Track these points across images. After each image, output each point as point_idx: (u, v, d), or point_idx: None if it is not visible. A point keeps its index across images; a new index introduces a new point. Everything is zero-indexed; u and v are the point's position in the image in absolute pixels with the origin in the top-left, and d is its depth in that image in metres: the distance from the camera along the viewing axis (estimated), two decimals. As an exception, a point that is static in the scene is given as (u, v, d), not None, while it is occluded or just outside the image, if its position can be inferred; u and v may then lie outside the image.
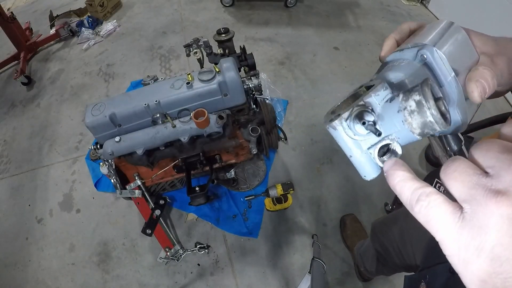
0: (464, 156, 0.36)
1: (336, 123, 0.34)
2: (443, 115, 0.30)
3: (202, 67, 1.46)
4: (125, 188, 1.41)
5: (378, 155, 0.35)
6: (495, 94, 0.40)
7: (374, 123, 0.33)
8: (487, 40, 0.37)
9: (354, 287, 1.47)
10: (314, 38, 2.65)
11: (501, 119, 1.56)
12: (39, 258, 1.68)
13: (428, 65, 0.35)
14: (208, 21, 2.91)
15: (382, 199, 1.68)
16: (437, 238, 0.23)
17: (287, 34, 2.70)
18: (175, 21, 2.99)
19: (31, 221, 1.81)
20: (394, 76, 0.37)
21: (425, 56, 0.34)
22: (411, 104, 0.30)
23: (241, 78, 1.26)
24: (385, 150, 0.35)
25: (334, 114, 0.36)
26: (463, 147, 0.41)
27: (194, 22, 2.94)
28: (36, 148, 2.15)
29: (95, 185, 1.84)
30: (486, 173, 0.22)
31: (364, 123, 0.32)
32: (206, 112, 1.17)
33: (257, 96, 1.35)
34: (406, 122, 0.31)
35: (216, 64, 1.25)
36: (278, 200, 1.65)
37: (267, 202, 1.68)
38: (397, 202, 1.57)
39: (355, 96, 0.36)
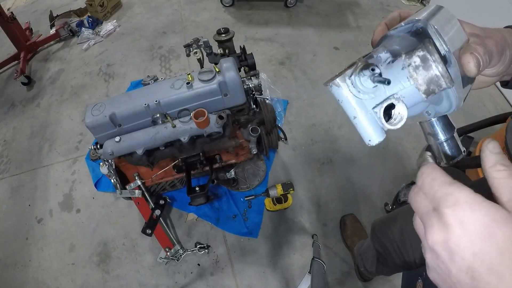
0: (456, 144, 0.40)
1: (339, 79, 0.33)
2: (447, 71, 0.30)
3: (202, 67, 1.46)
4: (125, 188, 1.41)
5: (384, 120, 0.33)
6: (486, 81, 0.43)
7: (380, 74, 0.32)
8: (475, 27, 0.39)
9: (354, 287, 1.47)
10: (314, 38, 2.65)
11: (501, 119, 1.56)
12: (39, 258, 1.68)
13: (423, 39, 0.34)
14: (208, 21, 2.91)
15: (382, 199, 1.68)
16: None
17: (287, 34, 2.70)
18: (175, 21, 2.99)
19: (31, 221, 1.82)
20: (391, 47, 0.36)
21: (420, 29, 0.34)
22: (416, 60, 0.30)
23: (241, 78, 1.26)
24: (390, 115, 0.34)
25: (336, 75, 0.34)
26: (455, 134, 0.40)
27: (194, 22, 2.94)
28: (36, 148, 2.15)
29: (95, 185, 1.84)
30: None
31: (373, 70, 0.31)
32: (206, 112, 1.17)
33: (257, 96, 1.35)
34: (411, 78, 0.30)
35: (216, 64, 1.25)
36: (278, 200, 1.65)
37: (267, 202, 1.68)
38: (397, 202, 1.57)
39: (354, 64, 0.35)
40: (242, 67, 1.39)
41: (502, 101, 2.17)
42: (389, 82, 0.30)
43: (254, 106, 1.36)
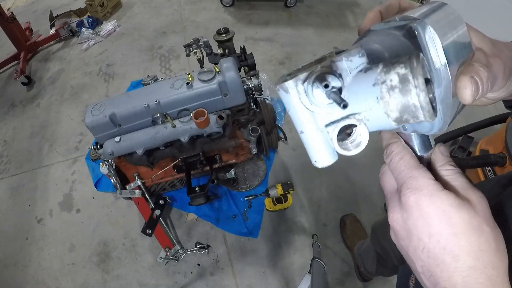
0: (428, 165, 0.34)
1: (289, 84, 0.26)
2: (430, 103, 0.23)
3: (202, 67, 1.46)
4: (125, 188, 1.41)
5: (337, 138, 0.27)
6: (483, 102, 0.37)
7: (340, 90, 0.25)
8: (484, 39, 0.33)
9: (354, 287, 1.47)
10: (314, 38, 2.65)
11: (501, 119, 1.55)
12: (39, 258, 1.68)
13: (417, 43, 0.27)
14: (208, 21, 2.91)
15: (382, 199, 1.67)
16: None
17: (287, 34, 2.70)
18: (175, 21, 2.99)
19: (31, 221, 1.81)
20: (374, 46, 0.29)
21: (415, 32, 0.27)
22: (393, 78, 0.23)
23: (241, 78, 1.26)
24: (347, 134, 0.27)
25: (291, 76, 0.27)
26: (433, 154, 0.33)
27: (194, 22, 2.94)
28: (36, 148, 2.15)
29: (95, 185, 1.84)
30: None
31: (326, 86, 0.24)
32: (206, 112, 1.17)
33: (257, 96, 1.35)
34: (382, 100, 0.24)
35: (216, 64, 1.25)
36: (278, 200, 1.65)
37: (267, 202, 1.68)
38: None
39: (321, 61, 0.29)
40: (242, 67, 1.39)
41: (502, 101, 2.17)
42: (345, 106, 0.24)
43: (254, 106, 1.36)
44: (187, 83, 1.19)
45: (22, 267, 1.66)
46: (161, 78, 1.39)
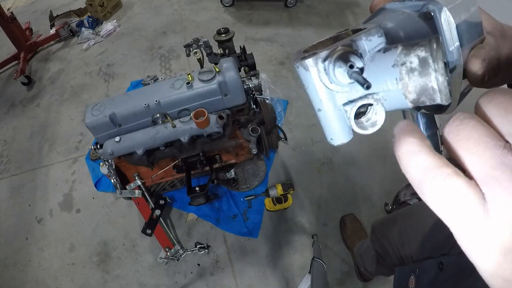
0: (437, 143, 0.32)
1: (309, 61, 0.26)
2: (448, 86, 0.24)
3: (202, 67, 1.46)
4: (125, 188, 1.41)
5: (354, 121, 0.27)
6: (487, 84, 0.35)
7: (362, 70, 0.25)
8: (496, 23, 0.32)
9: (354, 287, 1.47)
10: (314, 38, 2.63)
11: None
12: (39, 258, 1.68)
13: (432, 24, 0.28)
14: (208, 21, 2.91)
15: (382, 199, 1.67)
16: (452, 231, 0.19)
17: (287, 34, 2.70)
18: (175, 21, 2.99)
19: (31, 221, 1.81)
20: (388, 25, 0.29)
21: (431, 13, 0.27)
22: (413, 60, 0.23)
23: (241, 78, 1.26)
24: (362, 113, 0.28)
25: (308, 52, 0.27)
26: (438, 132, 0.34)
27: (194, 22, 2.94)
28: (36, 148, 2.15)
29: (95, 185, 1.84)
30: (507, 142, 0.17)
31: (351, 66, 0.24)
32: (206, 112, 1.17)
33: (257, 96, 1.35)
34: (401, 81, 0.24)
35: (216, 64, 1.25)
36: (278, 200, 1.65)
37: (267, 202, 1.68)
38: (397, 202, 1.57)
39: (337, 39, 0.29)
40: (242, 67, 1.39)
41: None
42: (368, 87, 0.24)
43: (254, 106, 1.36)
44: (187, 83, 1.19)
45: (22, 267, 1.66)
46: (161, 78, 1.39)
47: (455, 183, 0.17)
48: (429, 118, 0.33)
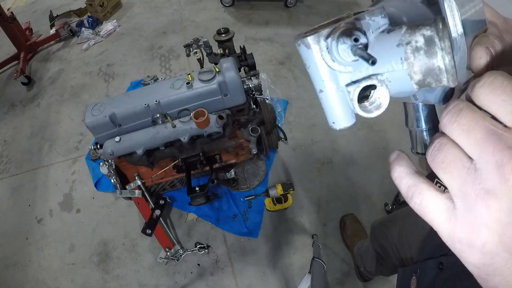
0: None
1: (311, 38, 0.25)
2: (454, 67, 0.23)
3: (202, 67, 1.46)
4: (125, 188, 1.41)
5: (357, 103, 0.26)
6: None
7: (366, 47, 0.25)
8: (498, 15, 0.33)
9: (354, 287, 1.47)
10: (314, 38, 2.64)
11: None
12: (39, 258, 1.68)
13: (436, 10, 0.28)
14: (208, 21, 2.91)
15: (382, 199, 1.68)
16: (435, 229, 0.24)
17: (287, 34, 2.70)
18: (175, 21, 2.99)
19: (31, 221, 1.81)
20: (391, 10, 0.29)
21: None
22: (418, 39, 0.22)
23: (241, 78, 1.26)
24: (367, 96, 0.27)
25: (311, 33, 0.27)
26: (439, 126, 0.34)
27: (194, 22, 2.94)
28: (36, 148, 2.15)
29: (95, 185, 1.84)
30: (472, 162, 0.21)
31: (356, 40, 0.24)
32: (206, 112, 1.17)
33: (257, 96, 1.35)
34: (406, 61, 0.23)
35: (216, 64, 1.25)
36: (278, 200, 1.65)
37: (267, 202, 1.68)
38: (397, 202, 1.57)
39: (339, 21, 0.28)
40: (242, 67, 1.39)
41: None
42: (374, 62, 0.23)
43: (254, 106, 1.36)
44: (187, 83, 1.19)
45: (22, 267, 1.66)
46: (161, 78, 1.39)
47: (427, 195, 0.24)
48: (432, 110, 0.33)
